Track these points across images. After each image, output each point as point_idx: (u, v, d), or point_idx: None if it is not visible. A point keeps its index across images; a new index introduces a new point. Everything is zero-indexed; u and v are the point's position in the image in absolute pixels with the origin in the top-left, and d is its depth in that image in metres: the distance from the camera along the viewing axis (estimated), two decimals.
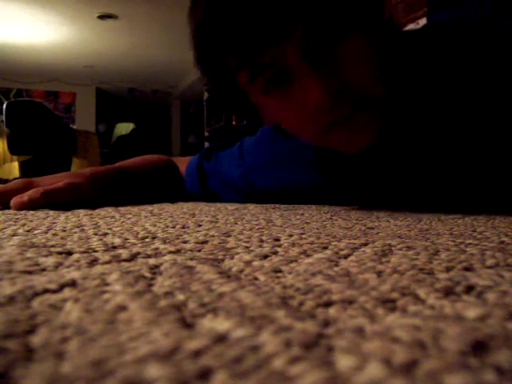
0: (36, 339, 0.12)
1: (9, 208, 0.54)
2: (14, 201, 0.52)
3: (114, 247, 0.26)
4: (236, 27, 0.47)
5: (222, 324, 0.13)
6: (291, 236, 0.32)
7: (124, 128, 6.24)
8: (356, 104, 0.48)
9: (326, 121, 0.49)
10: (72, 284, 0.18)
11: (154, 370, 0.10)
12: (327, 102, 0.47)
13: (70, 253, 0.24)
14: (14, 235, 0.31)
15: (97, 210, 0.52)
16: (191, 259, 0.23)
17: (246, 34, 0.46)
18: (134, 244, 0.28)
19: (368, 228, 0.37)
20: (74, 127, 4.84)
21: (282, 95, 0.50)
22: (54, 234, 0.32)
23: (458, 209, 0.54)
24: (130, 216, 0.46)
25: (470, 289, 0.17)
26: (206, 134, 5.73)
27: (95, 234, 0.32)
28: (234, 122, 4.78)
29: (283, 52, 0.46)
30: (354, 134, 0.50)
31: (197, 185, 0.78)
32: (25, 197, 0.52)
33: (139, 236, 0.31)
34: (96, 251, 0.25)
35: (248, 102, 0.54)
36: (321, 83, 0.46)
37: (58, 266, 0.21)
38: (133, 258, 0.23)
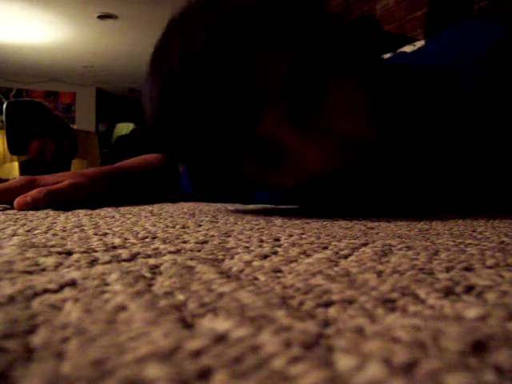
0: (36, 339, 0.12)
1: (10, 205, 0.54)
2: (17, 201, 0.52)
3: (114, 247, 0.26)
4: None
5: (221, 324, 0.13)
6: (291, 236, 0.32)
7: (124, 128, 6.24)
8: (356, 156, 0.44)
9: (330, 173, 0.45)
10: (72, 284, 0.18)
11: (154, 370, 0.10)
12: (330, 163, 0.43)
13: (69, 253, 0.24)
14: (14, 235, 0.31)
15: (97, 210, 0.52)
16: (191, 259, 0.23)
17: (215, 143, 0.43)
18: (134, 244, 0.28)
19: (368, 228, 0.37)
20: (74, 127, 4.84)
21: (274, 168, 0.46)
22: (54, 234, 0.32)
23: (457, 209, 0.54)
24: (129, 216, 0.46)
25: (469, 289, 0.17)
26: None
27: (95, 234, 0.32)
28: None
29: (265, 125, 0.43)
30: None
31: (194, 190, 0.78)
32: (28, 197, 0.52)
33: (139, 236, 0.31)
34: (96, 251, 0.25)
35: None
36: (317, 147, 0.43)
37: (58, 266, 0.21)
38: (133, 257, 0.23)
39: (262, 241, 0.30)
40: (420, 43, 0.57)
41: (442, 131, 0.51)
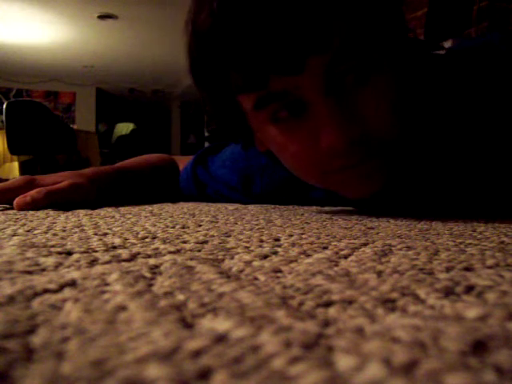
0: (36, 339, 0.12)
1: (10, 205, 0.54)
2: (17, 201, 0.52)
3: (114, 247, 0.26)
4: (248, 41, 0.40)
5: (221, 324, 0.13)
6: (291, 236, 0.32)
7: (124, 128, 6.24)
8: (370, 151, 0.44)
9: (336, 165, 0.45)
10: (72, 284, 0.18)
11: (154, 370, 0.10)
12: (342, 148, 0.42)
13: (69, 253, 0.24)
14: (14, 235, 0.31)
15: (97, 210, 0.52)
16: (191, 259, 0.23)
17: (258, 53, 0.40)
18: (134, 244, 0.28)
19: (368, 228, 0.37)
20: (74, 127, 4.84)
21: (292, 128, 0.45)
22: (54, 234, 0.32)
23: (458, 211, 0.54)
24: (129, 216, 0.46)
25: (469, 289, 0.17)
26: (206, 133, 5.73)
27: (95, 234, 0.32)
28: None
29: (300, 82, 0.41)
30: (363, 180, 0.46)
31: (194, 191, 0.78)
32: (28, 197, 0.52)
33: (139, 236, 0.31)
34: (96, 251, 0.25)
35: (245, 123, 0.49)
36: (339, 127, 0.41)
37: (58, 266, 0.21)
38: (133, 257, 0.23)
39: (261, 241, 0.30)
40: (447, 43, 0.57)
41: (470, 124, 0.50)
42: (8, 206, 0.55)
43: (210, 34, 0.42)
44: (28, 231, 0.33)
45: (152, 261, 0.22)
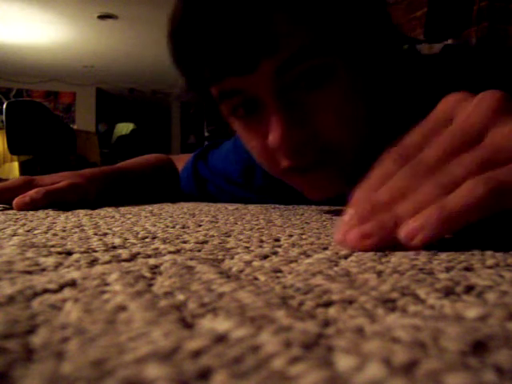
0: (36, 339, 0.12)
1: (9, 205, 0.54)
2: (16, 201, 0.52)
3: (114, 247, 0.26)
4: (206, 41, 0.43)
5: (221, 324, 0.13)
6: (291, 236, 0.32)
7: (124, 128, 6.24)
8: (321, 157, 0.44)
9: (284, 165, 0.45)
10: (72, 284, 0.18)
11: (154, 370, 0.10)
12: (286, 148, 0.43)
13: (69, 253, 0.24)
14: (14, 235, 0.31)
15: (97, 210, 0.52)
16: (191, 259, 0.23)
17: (215, 53, 0.43)
18: (134, 244, 0.28)
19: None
20: (74, 127, 4.84)
21: (249, 124, 0.46)
22: (54, 234, 0.32)
23: None
24: (129, 216, 0.46)
25: (469, 289, 0.17)
26: (206, 133, 5.73)
27: (95, 234, 0.32)
28: None
29: (254, 82, 0.43)
30: (317, 185, 0.47)
31: (194, 189, 0.78)
32: (27, 197, 0.52)
33: (139, 236, 0.31)
34: (96, 251, 0.25)
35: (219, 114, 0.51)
36: (285, 127, 0.42)
37: (58, 266, 0.21)
38: (133, 257, 0.23)
39: (261, 241, 0.30)
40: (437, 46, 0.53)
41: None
42: (7, 206, 0.55)
43: (178, 31, 0.45)
44: (28, 231, 0.33)
45: (152, 261, 0.22)
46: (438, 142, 0.26)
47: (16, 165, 3.82)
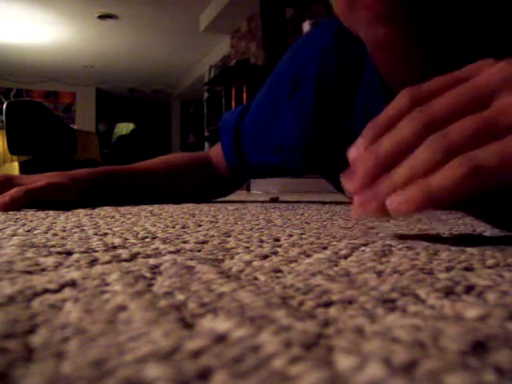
0: (36, 339, 0.12)
1: None
2: None
3: (114, 247, 0.26)
4: None
5: (221, 324, 0.13)
6: (291, 236, 0.32)
7: (124, 128, 6.24)
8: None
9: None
10: (72, 284, 0.18)
11: (154, 370, 0.10)
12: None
13: (69, 253, 0.24)
14: (13, 235, 0.31)
15: (97, 210, 0.52)
16: (191, 259, 0.23)
17: None
18: (134, 244, 0.28)
19: (368, 228, 0.37)
20: (74, 127, 4.83)
21: None
22: (54, 234, 0.32)
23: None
24: (129, 216, 0.46)
25: (470, 289, 0.17)
26: (206, 133, 5.73)
27: (95, 234, 0.32)
28: None
29: None
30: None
31: (230, 143, 0.72)
32: (6, 197, 0.52)
33: (139, 236, 0.31)
34: (96, 251, 0.25)
35: None
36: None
37: (57, 266, 0.21)
38: (133, 257, 0.23)
39: (262, 241, 0.30)
40: None
41: None
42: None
43: None
44: (28, 231, 0.33)
45: (152, 261, 0.22)
46: (451, 94, 0.26)
47: (16, 165, 3.81)
